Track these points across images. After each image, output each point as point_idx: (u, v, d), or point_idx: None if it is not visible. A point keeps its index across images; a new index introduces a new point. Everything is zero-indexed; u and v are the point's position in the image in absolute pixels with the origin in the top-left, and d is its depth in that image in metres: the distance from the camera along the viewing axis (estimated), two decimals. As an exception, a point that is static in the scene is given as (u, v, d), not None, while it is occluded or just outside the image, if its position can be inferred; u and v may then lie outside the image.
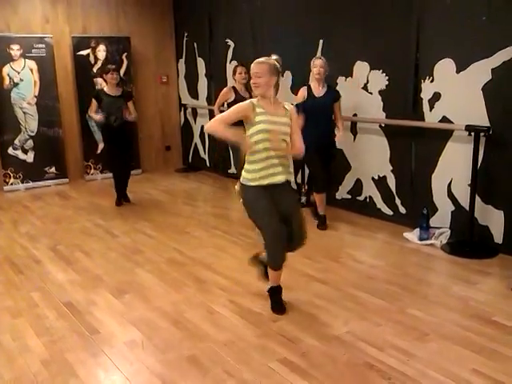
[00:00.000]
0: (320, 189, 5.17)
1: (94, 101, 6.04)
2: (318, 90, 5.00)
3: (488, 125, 4.22)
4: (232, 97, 5.94)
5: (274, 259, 3.36)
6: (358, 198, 5.64)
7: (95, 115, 6.06)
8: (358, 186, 5.63)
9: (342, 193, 5.83)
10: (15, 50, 7.18)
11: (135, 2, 8.14)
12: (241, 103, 3.32)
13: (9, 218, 5.93)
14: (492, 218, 4.37)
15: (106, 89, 6.08)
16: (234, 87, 5.97)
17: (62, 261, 4.49)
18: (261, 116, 3.21)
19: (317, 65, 4.94)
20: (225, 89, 6.04)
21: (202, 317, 3.34)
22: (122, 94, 6.13)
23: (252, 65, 3.28)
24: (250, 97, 5.81)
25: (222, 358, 2.84)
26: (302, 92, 5.03)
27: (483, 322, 3.16)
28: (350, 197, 5.75)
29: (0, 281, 4.07)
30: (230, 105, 5.88)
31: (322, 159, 5.04)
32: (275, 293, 3.48)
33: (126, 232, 5.25)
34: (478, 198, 4.37)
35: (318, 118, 4.91)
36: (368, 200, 5.53)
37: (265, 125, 3.19)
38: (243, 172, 3.34)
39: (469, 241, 4.38)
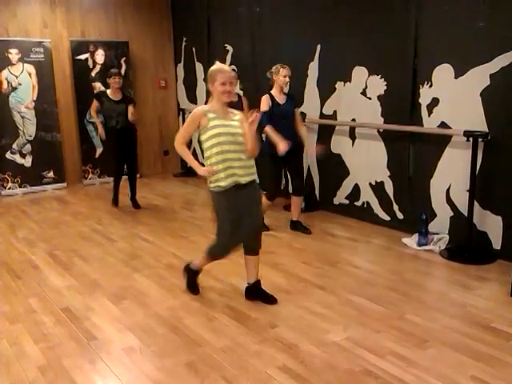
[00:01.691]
0: (298, 192, 5.26)
1: (95, 101, 6.12)
2: (280, 98, 5.05)
3: (486, 130, 4.23)
4: None
5: (217, 255, 3.61)
6: (356, 203, 5.64)
7: (97, 117, 6.11)
8: (355, 191, 5.62)
9: (340, 198, 5.83)
10: (13, 54, 7.18)
11: (134, 7, 8.15)
12: (194, 111, 3.45)
13: (6, 223, 5.91)
14: (490, 224, 4.36)
15: (108, 92, 6.12)
16: None
17: (59, 266, 4.47)
18: (214, 121, 3.35)
19: (286, 74, 4.99)
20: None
21: (199, 323, 3.33)
22: (122, 98, 6.16)
23: (226, 72, 3.38)
24: (239, 101, 5.90)
25: (219, 365, 2.83)
26: (267, 100, 5.00)
27: (482, 328, 3.16)
28: (347, 202, 5.75)
29: (-3, 286, 4.05)
30: None
31: (295, 162, 5.18)
32: (195, 274, 3.77)
33: (124, 237, 5.23)
34: (476, 204, 4.37)
35: (285, 123, 4.97)
36: (365, 205, 5.53)
37: (219, 129, 3.33)
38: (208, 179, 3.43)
39: (467, 246, 4.38)
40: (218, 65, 3.46)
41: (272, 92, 5.04)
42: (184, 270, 3.85)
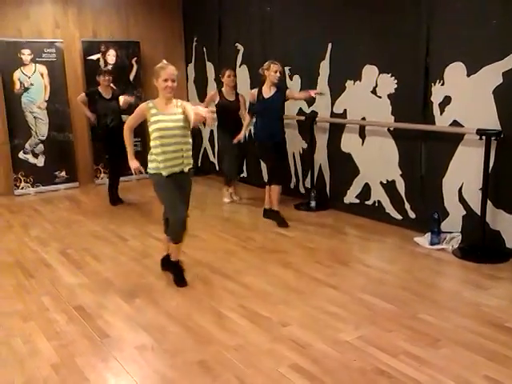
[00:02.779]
0: (279, 181, 5.44)
1: (84, 96, 6.41)
2: (268, 92, 5.34)
3: (499, 128, 4.19)
4: (217, 99, 6.27)
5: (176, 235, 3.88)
6: (367, 202, 5.61)
7: (89, 113, 6.36)
8: (366, 190, 5.60)
9: (350, 197, 5.81)
10: (26, 54, 7.24)
11: (145, 7, 8.18)
12: (140, 105, 3.84)
13: (19, 222, 5.96)
14: (504, 223, 4.33)
15: (100, 90, 6.29)
16: (220, 91, 6.29)
17: (72, 265, 4.50)
18: (156, 116, 3.70)
19: (277, 69, 5.26)
20: (212, 91, 6.49)
21: (211, 321, 3.34)
22: (112, 95, 6.34)
23: (167, 68, 3.76)
24: (236, 99, 6.23)
25: (231, 363, 2.83)
26: (253, 94, 5.48)
27: (496, 327, 3.13)
28: (358, 201, 5.73)
29: (11, 284, 4.09)
30: (216, 106, 6.26)
31: (276, 155, 5.43)
32: (178, 267, 3.99)
33: (136, 236, 5.26)
34: (489, 203, 4.34)
35: (268, 117, 5.36)
36: (376, 204, 5.50)
37: (160, 123, 3.69)
38: (149, 163, 3.84)
39: (480, 245, 4.35)
40: (162, 63, 3.81)
41: (263, 87, 5.36)
42: (165, 267, 4.13)
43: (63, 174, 7.70)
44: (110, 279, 4.13)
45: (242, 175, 7.07)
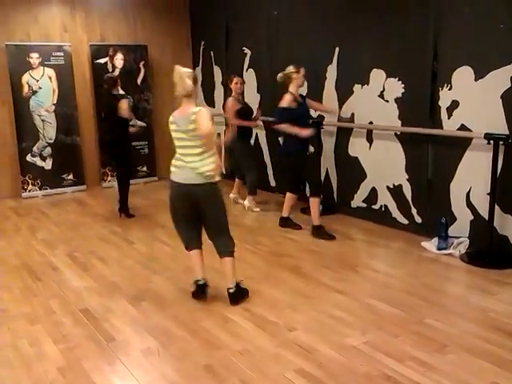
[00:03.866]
0: (319, 192, 5.31)
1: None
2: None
3: (507, 133, 4.17)
4: (237, 106, 6.16)
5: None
6: (374, 206, 5.60)
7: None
8: (373, 194, 5.59)
9: (357, 201, 5.79)
10: (34, 58, 7.29)
11: (152, 11, 8.21)
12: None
13: (27, 225, 5.99)
14: (511, 228, 4.30)
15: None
16: (234, 98, 6.20)
17: (78, 267, 4.52)
18: (172, 125, 3.54)
19: (304, 74, 5.17)
20: (231, 101, 6.19)
21: (217, 325, 3.34)
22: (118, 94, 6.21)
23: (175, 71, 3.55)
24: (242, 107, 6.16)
25: (237, 367, 2.83)
26: (290, 98, 5.16)
27: (503, 333, 3.11)
28: (365, 205, 5.71)
29: (18, 287, 4.10)
30: (238, 113, 6.10)
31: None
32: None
33: (143, 239, 5.27)
34: (497, 208, 4.31)
35: (305, 123, 5.23)
36: (383, 209, 5.49)
37: (172, 133, 3.55)
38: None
39: (488, 251, 4.32)
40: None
41: (294, 92, 5.19)
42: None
43: (71, 177, 7.73)
44: (116, 282, 4.14)
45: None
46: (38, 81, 7.36)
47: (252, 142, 6.58)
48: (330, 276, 4.13)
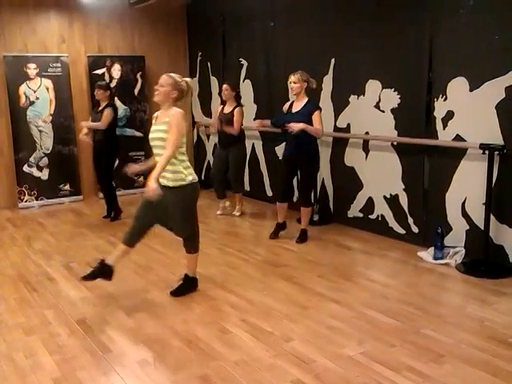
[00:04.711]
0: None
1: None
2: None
3: (502, 143, 4.20)
4: (218, 114, 6.43)
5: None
6: (370, 216, 5.61)
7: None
8: (369, 204, 5.60)
9: (354, 211, 5.80)
10: (32, 68, 7.32)
11: (150, 22, 8.26)
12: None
13: (23, 235, 5.97)
14: (507, 238, 4.31)
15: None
16: (225, 104, 6.37)
17: (75, 278, 4.49)
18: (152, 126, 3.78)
19: (290, 81, 5.16)
20: (241, 109, 6.25)
21: (213, 336, 3.33)
22: (102, 109, 6.25)
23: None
24: (231, 112, 6.23)
25: (234, 378, 2.82)
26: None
27: (500, 343, 3.11)
28: (361, 215, 5.72)
29: (14, 298, 4.09)
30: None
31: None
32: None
33: (138, 249, 5.21)
34: (492, 217, 4.33)
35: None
36: (380, 218, 5.50)
37: (150, 133, 3.78)
38: None
39: (484, 260, 4.33)
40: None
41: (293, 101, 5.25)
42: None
43: (67, 187, 7.73)
44: (112, 293, 4.12)
45: (245, 189, 7.12)
46: (35, 91, 7.38)
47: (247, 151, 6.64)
48: (326, 286, 4.13)
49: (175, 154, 3.62)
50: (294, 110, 5.15)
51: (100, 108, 6.29)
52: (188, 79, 3.84)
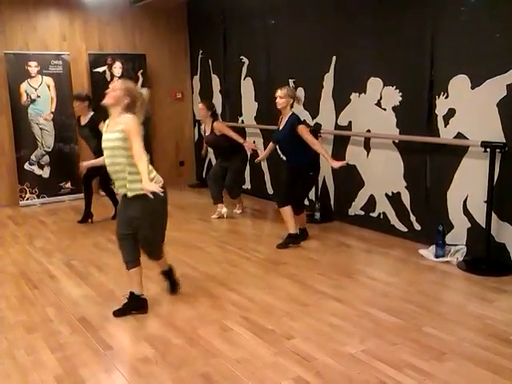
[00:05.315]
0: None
1: None
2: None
3: (503, 141, 4.19)
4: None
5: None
6: (372, 214, 5.60)
7: None
8: (371, 202, 5.60)
9: (355, 209, 5.80)
10: (33, 66, 7.32)
11: (151, 20, 8.26)
12: None
13: (24, 233, 5.98)
14: (508, 235, 4.31)
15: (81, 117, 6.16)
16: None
17: (76, 276, 4.51)
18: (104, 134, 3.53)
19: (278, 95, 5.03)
20: (218, 123, 6.25)
21: (215, 333, 3.33)
22: (88, 122, 6.05)
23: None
24: (211, 132, 6.23)
25: (235, 376, 2.82)
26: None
27: (501, 341, 3.11)
28: (363, 213, 5.72)
29: (15, 296, 4.09)
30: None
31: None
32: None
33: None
34: (494, 215, 4.32)
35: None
36: (382, 216, 5.49)
37: (103, 143, 3.51)
38: None
39: (485, 258, 4.33)
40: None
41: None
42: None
43: (68, 185, 7.74)
44: (113, 291, 4.13)
45: (245, 187, 7.12)
46: (36, 89, 7.37)
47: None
48: (328, 284, 4.13)
49: (145, 156, 3.37)
50: (281, 126, 5.09)
51: (85, 122, 6.06)
52: (144, 90, 3.65)
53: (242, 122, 7.56)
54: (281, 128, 5.09)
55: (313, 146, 4.88)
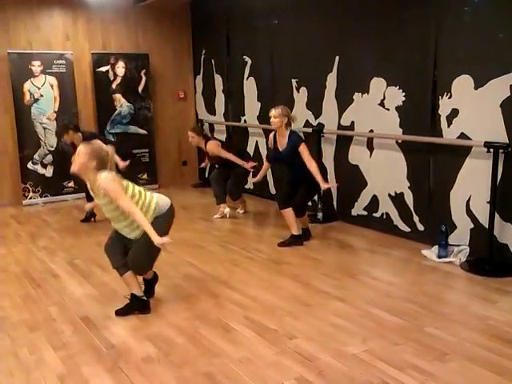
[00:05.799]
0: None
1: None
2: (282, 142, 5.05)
3: (507, 141, 4.18)
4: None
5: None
6: (375, 214, 5.60)
7: None
8: (374, 202, 5.59)
9: (358, 209, 5.80)
10: (36, 66, 7.33)
11: (154, 20, 8.26)
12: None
13: (27, 232, 5.99)
14: (511, 236, 4.30)
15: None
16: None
17: (79, 275, 4.52)
18: None
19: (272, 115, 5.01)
20: (211, 144, 6.24)
21: (217, 333, 3.33)
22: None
23: None
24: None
25: (237, 375, 2.82)
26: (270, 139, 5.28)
27: (504, 342, 3.10)
28: (366, 213, 5.71)
29: (18, 294, 4.10)
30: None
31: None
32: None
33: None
34: (497, 216, 4.32)
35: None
36: (385, 216, 5.49)
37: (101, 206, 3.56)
38: None
39: (488, 259, 4.32)
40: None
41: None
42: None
43: (71, 184, 7.75)
44: (116, 290, 4.13)
45: (247, 187, 7.12)
46: (39, 89, 7.39)
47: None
48: (330, 284, 4.13)
49: (136, 208, 3.40)
50: (280, 147, 5.05)
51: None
52: (109, 149, 3.52)
53: (245, 121, 7.56)
54: (282, 149, 5.05)
55: (309, 166, 4.86)
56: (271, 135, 5.22)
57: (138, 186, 3.60)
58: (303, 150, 4.89)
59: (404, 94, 5.05)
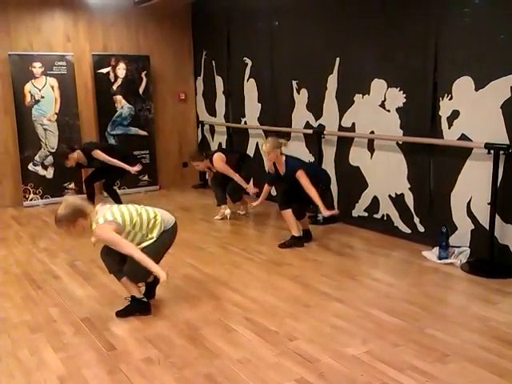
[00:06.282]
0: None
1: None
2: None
3: (507, 143, 4.18)
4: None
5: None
6: (375, 215, 5.60)
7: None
8: (374, 203, 5.59)
9: (359, 210, 5.80)
10: (37, 67, 7.34)
11: (155, 21, 8.27)
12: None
13: (28, 233, 6.00)
14: (512, 237, 4.31)
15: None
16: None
17: (79, 276, 4.52)
18: None
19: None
20: (215, 159, 6.23)
21: (217, 334, 3.33)
22: (86, 161, 6.61)
23: None
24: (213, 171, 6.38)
25: (238, 377, 2.82)
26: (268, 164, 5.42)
27: (504, 343, 3.10)
28: (366, 214, 5.71)
29: (19, 296, 4.10)
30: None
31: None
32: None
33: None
34: (497, 217, 4.31)
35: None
36: (385, 218, 5.49)
37: None
38: None
39: (489, 260, 4.32)
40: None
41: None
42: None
43: (72, 185, 7.75)
44: (117, 291, 4.12)
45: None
46: (40, 90, 7.40)
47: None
48: (331, 285, 4.12)
49: (135, 249, 3.41)
50: (281, 171, 5.18)
51: (85, 162, 6.58)
52: (91, 209, 3.48)
53: (245, 123, 7.57)
54: (283, 173, 5.17)
55: (309, 193, 4.90)
56: (270, 163, 5.32)
57: (138, 207, 3.63)
58: (300, 176, 4.93)
59: (405, 95, 5.05)
